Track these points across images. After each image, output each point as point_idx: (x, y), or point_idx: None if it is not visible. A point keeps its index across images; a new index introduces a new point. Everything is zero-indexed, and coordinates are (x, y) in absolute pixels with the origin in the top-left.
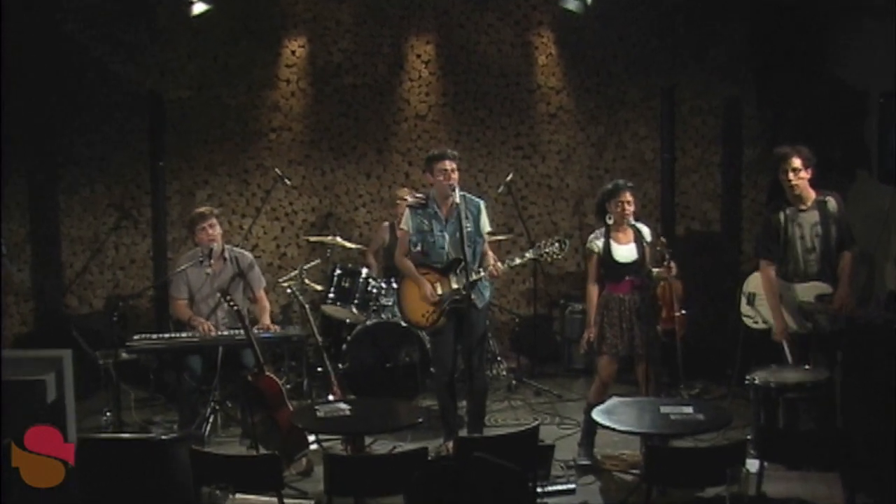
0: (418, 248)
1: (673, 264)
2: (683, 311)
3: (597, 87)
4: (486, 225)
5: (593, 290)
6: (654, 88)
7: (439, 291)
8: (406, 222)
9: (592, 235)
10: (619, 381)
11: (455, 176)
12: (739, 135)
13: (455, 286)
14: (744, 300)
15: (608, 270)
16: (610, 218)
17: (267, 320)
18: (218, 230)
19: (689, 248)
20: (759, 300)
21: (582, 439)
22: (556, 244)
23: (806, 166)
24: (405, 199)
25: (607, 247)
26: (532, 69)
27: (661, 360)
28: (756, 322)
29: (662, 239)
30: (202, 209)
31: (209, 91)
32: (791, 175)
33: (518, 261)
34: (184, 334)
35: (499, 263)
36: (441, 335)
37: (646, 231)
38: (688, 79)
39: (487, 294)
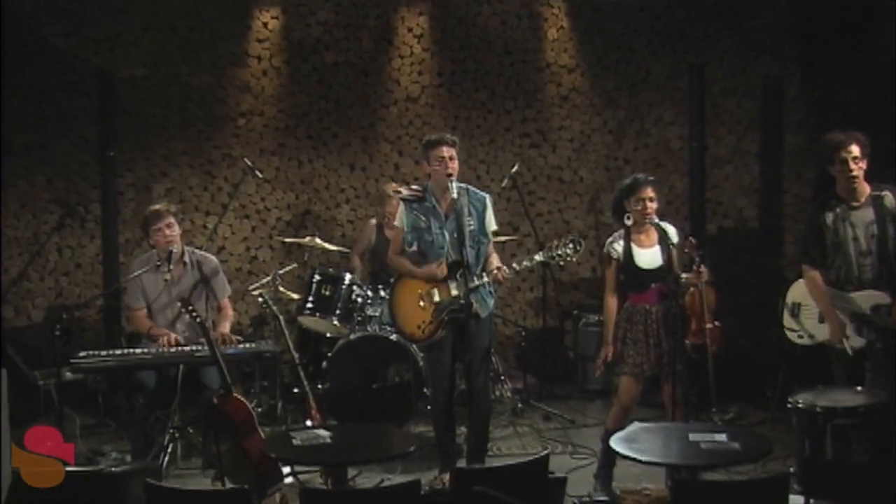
0: (414, 247)
1: (704, 268)
2: (717, 323)
3: (615, 64)
4: (492, 223)
5: (612, 302)
6: (682, 66)
7: (436, 299)
8: (400, 218)
9: (611, 238)
10: (642, 403)
11: (454, 165)
12: (780, 120)
13: (455, 293)
14: (786, 312)
15: (630, 278)
16: (629, 218)
17: (225, 329)
18: (177, 230)
19: (723, 250)
20: (805, 311)
21: (599, 471)
22: (570, 245)
23: (864, 155)
24: (399, 192)
25: (628, 251)
26: (541, 44)
27: (689, 378)
28: (801, 336)
29: (691, 239)
30: (159, 206)
31: (167, 69)
32: (852, 165)
33: (526, 264)
34: (138, 350)
35: (504, 268)
36: (437, 350)
37: (672, 231)
38: (720, 55)
39: (491, 302)
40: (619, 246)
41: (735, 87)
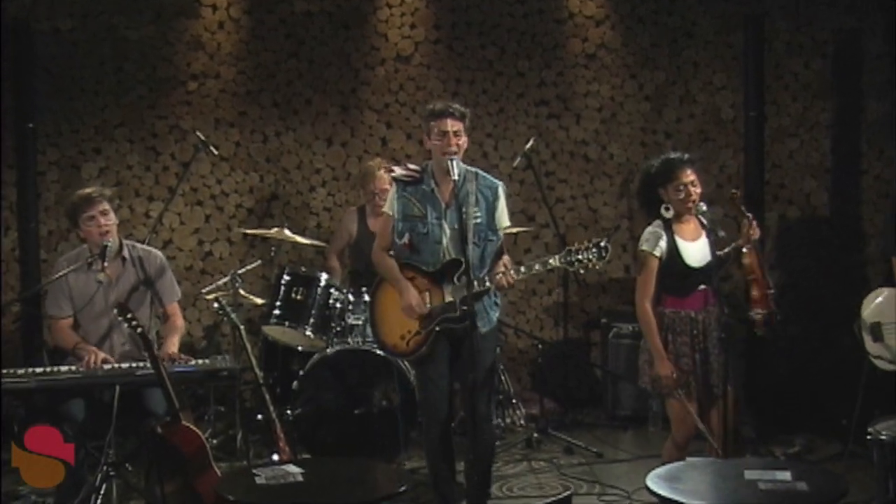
0: (405, 239)
1: (755, 223)
2: (771, 290)
3: (653, 16)
4: (504, 217)
5: (651, 310)
6: (736, 18)
7: (427, 305)
8: (390, 203)
9: (650, 231)
10: None
11: (459, 142)
12: (858, 83)
13: (450, 299)
14: (867, 336)
15: (674, 279)
16: (668, 209)
17: (173, 346)
18: (114, 220)
19: (787, 243)
20: (888, 330)
21: None
22: (594, 250)
23: None
24: (391, 171)
25: (673, 247)
26: None
27: (745, 403)
28: (893, 362)
29: (735, 191)
30: (90, 190)
31: (99, 20)
32: None
33: (539, 268)
34: (64, 368)
35: (511, 271)
36: (430, 368)
37: (706, 211)
38: (783, 3)
39: (495, 315)
40: (661, 241)
41: (801, 44)
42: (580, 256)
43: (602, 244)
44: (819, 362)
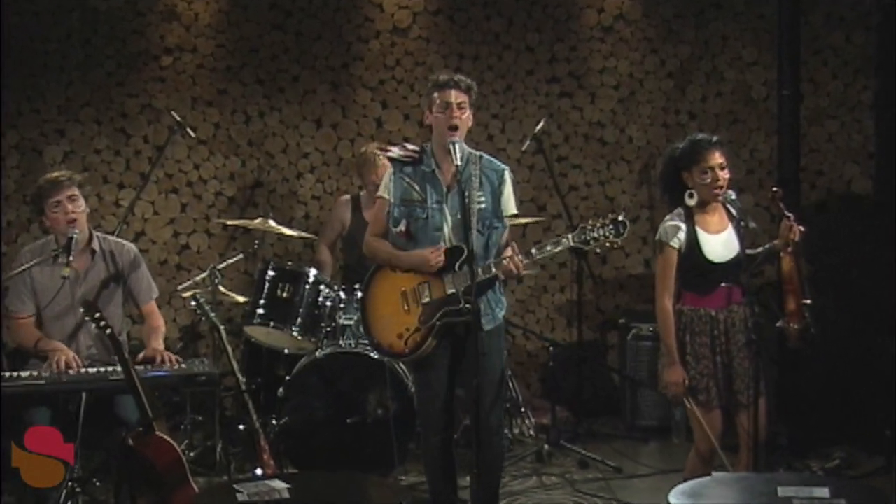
0: (401, 227)
1: (796, 225)
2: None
3: None
4: (510, 203)
5: (671, 308)
6: None
7: (426, 299)
8: (386, 186)
9: (668, 221)
10: None
11: (463, 116)
12: None
13: (451, 290)
14: None
15: (693, 275)
16: (692, 196)
17: (158, 344)
18: (82, 208)
19: (824, 234)
20: None
21: None
22: (611, 226)
23: None
24: (386, 151)
25: (693, 239)
26: None
27: (776, 409)
28: None
29: (776, 189)
30: (59, 173)
31: None
32: None
33: (551, 249)
34: (24, 373)
35: (520, 256)
36: (429, 372)
37: (734, 199)
38: None
39: (500, 312)
40: (680, 232)
41: (842, 15)
42: (596, 234)
43: (620, 219)
44: (861, 367)
